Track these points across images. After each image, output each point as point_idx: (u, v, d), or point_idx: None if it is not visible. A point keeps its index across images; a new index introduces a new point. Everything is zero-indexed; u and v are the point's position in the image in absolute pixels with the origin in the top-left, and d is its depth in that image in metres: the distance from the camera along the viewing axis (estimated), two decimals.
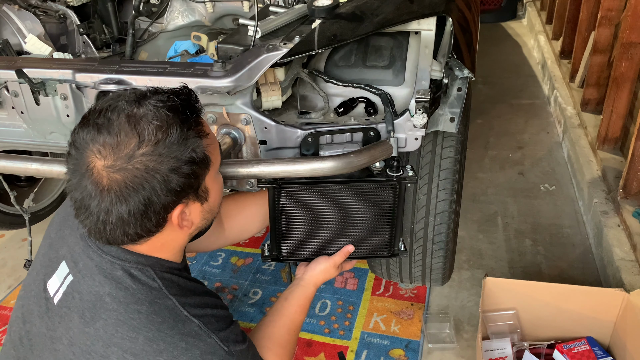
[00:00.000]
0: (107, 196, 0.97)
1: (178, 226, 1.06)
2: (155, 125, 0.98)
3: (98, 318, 1.04)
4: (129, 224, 1.00)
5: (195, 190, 1.05)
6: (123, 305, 1.04)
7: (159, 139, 0.97)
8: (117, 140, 0.96)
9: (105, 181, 0.97)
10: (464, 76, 1.46)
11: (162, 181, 0.98)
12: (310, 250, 1.50)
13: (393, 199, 1.44)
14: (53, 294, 1.11)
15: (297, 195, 1.41)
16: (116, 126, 0.97)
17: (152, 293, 1.06)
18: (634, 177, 2.31)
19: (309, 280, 1.47)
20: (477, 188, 2.89)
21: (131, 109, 0.99)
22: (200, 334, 1.05)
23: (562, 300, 1.81)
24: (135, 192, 0.97)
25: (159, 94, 1.03)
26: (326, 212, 1.44)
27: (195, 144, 1.02)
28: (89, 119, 1.00)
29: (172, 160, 0.98)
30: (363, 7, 1.49)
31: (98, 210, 0.99)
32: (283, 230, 1.46)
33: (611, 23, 2.97)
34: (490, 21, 5.55)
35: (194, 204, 1.07)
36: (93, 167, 0.97)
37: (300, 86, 1.59)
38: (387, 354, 1.93)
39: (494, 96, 3.97)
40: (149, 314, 1.03)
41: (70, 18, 2.07)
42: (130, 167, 0.96)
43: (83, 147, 0.98)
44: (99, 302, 1.05)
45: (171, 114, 1.00)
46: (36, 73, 1.47)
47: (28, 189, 2.38)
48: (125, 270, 1.07)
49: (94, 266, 1.08)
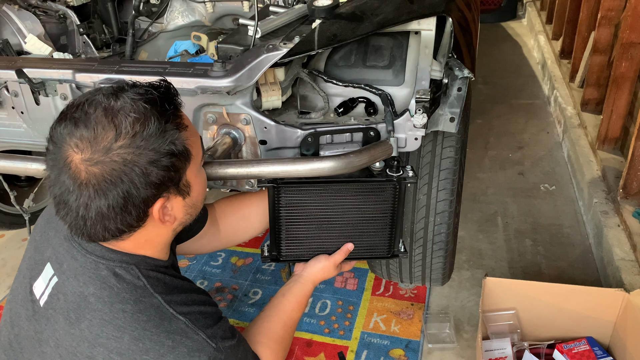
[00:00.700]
0: (85, 190, 0.96)
1: (160, 221, 1.05)
2: (132, 118, 0.97)
3: (83, 319, 1.03)
4: (109, 219, 0.99)
5: (176, 183, 1.04)
6: (108, 304, 1.03)
7: (136, 132, 0.96)
8: (95, 134, 0.95)
9: (84, 175, 0.95)
10: (464, 76, 1.46)
11: (140, 174, 0.97)
12: (310, 250, 1.50)
13: (393, 199, 1.44)
14: (39, 296, 1.10)
15: (297, 195, 1.41)
16: (93, 119, 0.96)
17: (137, 292, 1.05)
18: (634, 177, 2.31)
19: (308, 278, 1.46)
20: (477, 188, 2.89)
21: (108, 102, 0.98)
22: (186, 331, 1.04)
23: (562, 300, 1.81)
24: (114, 185, 0.96)
25: (137, 87, 1.02)
26: (326, 212, 1.44)
27: (174, 137, 1.01)
28: (66, 114, 0.99)
29: (151, 152, 0.97)
30: (363, 7, 1.49)
31: (77, 205, 0.97)
32: (283, 230, 1.46)
33: (611, 23, 2.97)
34: (490, 21, 5.55)
35: (175, 198, 1.05)
36: (71, 162, 0.96)
37: (300, 86, 1.59)
38: (387, 354, 1.93)
39: (494, 96, 3.97)
40: (134, 312, 1.02)
41: (70, 18, 2.07)
42: (107, 160, 0.95)
43: (60, 142, 0.97)
44: (83, 302, 1.04)
45: (149, 107, 0.99)
46: (36, 73, 1.47)
47: (28, 189, 2.38)
48: (110, 269, 1.06)
49: (78, 266, 1.07)
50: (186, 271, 2.36)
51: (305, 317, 2.09)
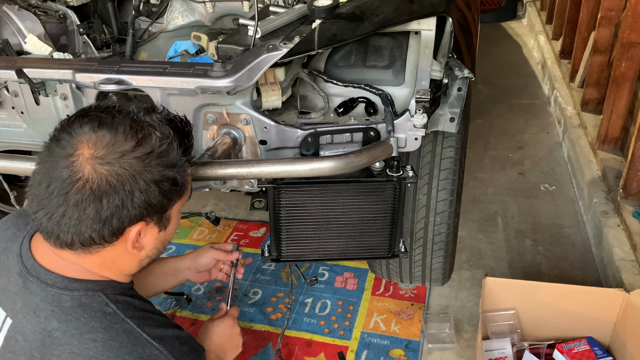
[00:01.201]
0: (81, 187, 0.93)
1: (131, 244, 1.03)
2: (156, 137, 0.99)
3: (50, 355, 0.98)
4: (86, 224, 0.95)
5: (161, 213, 1.04)
6: (76, 337, 0.98)
7: (154, 149, 0.98)
8: (115, 138, 0.96)
9: (87, 171, 0.93)
10: (464, 76, 1.46)
11: (141, 189, 0.96)
12: (310, 251, 1.50)
13: (393, 199, 1.44)
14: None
15: (297, 196, 1.41)
16: (119, 125, 0.97)
17: (106, 319, 1.01)
18: (634, 177, 2.31)
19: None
20: (477, 188, 2.89)
21: (138, 115, 1.00)
22: (160, 357, 1.01)
23: (562, 300, 1.81)
24: (114, 191, 0.94)
25: (165, 114, 1.06)
26: (326, 212, 1.44)
27: (182, 168, 1.04)
28: (89, 112, 0.99)
29: (158, 173, 0.98)
30: (363, 7, 1.49)
31: (63, 201, 0.94)
32: (283, 230, 1.46)
33: (611, 23, 2.97)
34: (490, 21, 5.55)
35: (152, 228, 1.04)
36: (79, 154, 0.94)
37: (300, 86, 1.59)
38: (387, 354, 1.93)
39: (494, 96, 3.97)
40: (105, 340, 0.98)
41: (70, 18, 2.07)
42: (118, 164, 0.95)
43: (77, 134, 0.96)
44: (47, 339, 0.98)
45: (173, 133, 1.03)
46: (36, 73, 1.47)
47: None
48: (74, 299, 1.01)
49: (38, 301, 1.00)
50: None
51: (306, 317, 2.09)
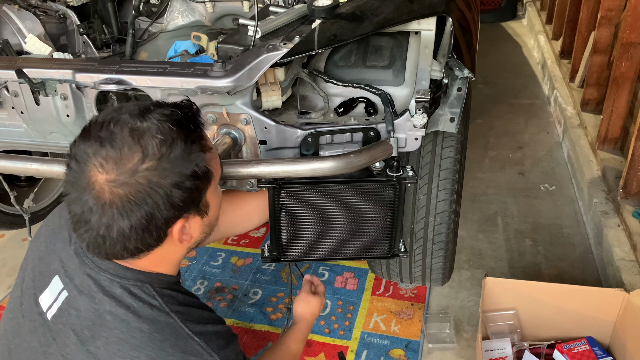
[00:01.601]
0: (108, 211, 0.96)
1: (178, 240, 1.05)
2: (159, 140, 0.97)
3: (98, 336, 1.03)
4: (129, 239, 0.99)
5: (196, 204, 1.04)
6: (124, 323, 1.02)
7: (162, 154, 0.96)
8: (120, 155, 0.95)
9: (107, 196, 0.95)
10: (464, 76, 1.46)
11: (164, 196, 0.97)
12: (310, 250, 1.50)
13: (393, 199, 1.44)
14: (46, 309, 1.09)
15: (297, 195, 1.41)
16: (119, 140, 0.96)
17: (152, 311, 1.05)
18: (634, 177, 2.31)
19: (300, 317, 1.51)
20: (477, 188, 2.89)
21: (134, 123, 0.97)
22: (201, 352, 1.04)
23: (562, 300, 1.81)
24: (138, 207, 0.96)
25: (162, 107, 1.01)
26: (326, 212, 1.44)
27: (199, 159, 1.01)
28: (90, 132, 0.98)
29: (176, 175, 0.98)
30: (363, 7, 1.49)
31: (99, 225, 0.97)
32: (283, 230, 1.46)
33: (611, 23, 2.97)
34: (490, 21, 5.55)
35: (194, 218, 1.06)
36: (95, 182, 0.95)
37: (300, 86, 1.59)
38: (387, 354, 1.93)
39: (494, 96, 3.97)
40: (150, 332, 1.02)
41: (70, 18, 2.07)
42: (133, 181, 0.95)
43: (84, 161, 0.96)
44: (98, 320, 1.03)
45: (175, 128, 0.99)
46: (36, 73, 1.47)
47: (28, 189, 2.38)
48: (124, 287, 1.05)
49: (91, 283, 1.06)
50: (186, 271, 2.36)
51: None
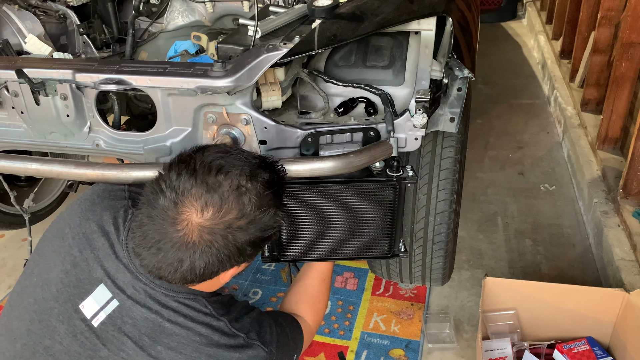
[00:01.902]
0: (190, 250, 1.04)
1: (226, 280, 1.18)
2: (257, 205, 1.06)
3: (159, 342, 1.12)
4: (192, 274, 1.07)
5: (254, 257, 1.16)
6: (184, 329, 1.13)
7: (255, 217, 1.07)
8: (221, 207, 1.04)
9: (195, 238, 1.04)
10: (464, 76, 1.46)
11: (240, 249, 1.08)
12: (310, 250, 1.50)
13: (393, 199, 1.43)
14: (91, 317, 1.13)
15: (297, 195, 1.41)
16: (225, 192, 1.04)
17: (206, 317, 1.16)
18: (634, 177, 2.31)
19: None
20: (477, 188, 2.89)
21: (242, 181, 1.06)
22: (246, 344, 1.18)
23: (562, 300, 1.81)
24: (218, 253, 1.06)
25: (266, 171, 1.11)
26: (326, 212, 1.44)
27: (278, 224, 1.12)
28: (196, 172, 1.05)
29: (255, 236, 1.08)
30: (363, 7, 1.49)
31: (172, 257, 1.05)
32: (283, 230, 1.46)
33: (611, 23, 2.97)
34: (490, 21, 5.55)
35: (245, 264, 1.17)
36: (188, 220, 1.03)
37: (300, 86, 1.58)
38: (387, 354, 1.93)
39: (494, 96, 3.97)
40: (207, 335, 1.14)
41: (70, 18, 2.07)
42: (223, 234, 1.04)
43: (184, 196, 1.04)
44: (158, 327, 1.12)
45: (273, 198, 1.10)
46: (36, 73, 1.47)
47: (28, 189, 2.38)
48: (179, 301, 1.15)
49: (146, 296, 1.14)
50: None
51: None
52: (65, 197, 2.62)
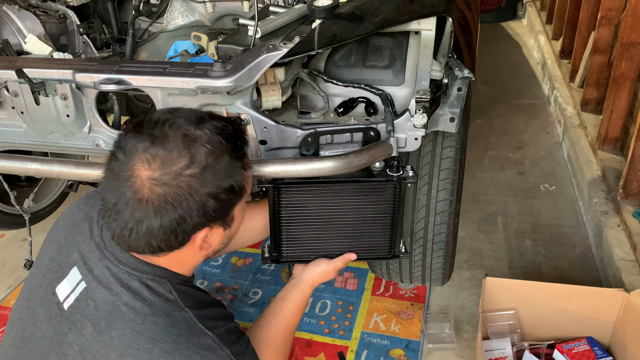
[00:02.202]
0: (144, 207, 0.99)
1: (198, 248, 1.10)
2: (208, 150, 1.01)
3: (114, 327, 1.05)
4: (155, 237, 1.02)
5: (224, 216, 1.09)
6: (140, 316, 1.05)
7: (208, 164, 1.01)
8: (169, 157, 0.99)
9: (147, 192, 0.99)
10: (464, 76, 1.46)
11: (199, 203, 1.01)
12: (310, 251, 1.50)
13: (393, 199, 1.44)
14: (63, 299, 1.11)
15: (297, 196, 1.41)
16: (171, 142, 1.00)
17: (168, 305, 1.08)
18: (634, 177, 2.31)
19: (307, 282, 1.47)
20: (477, 188, 2.89)
21: (189, 129, 1.02)
22: (214, 347, 1.08)
23: (562, 300, 1.81)
24: (173, 208, 1.00)
25: (216, 120, 1.06)
26: (326, 212, 1.44)
27: (238, 175, 1.06)
28: (143, 128, 1.02)
29: (214, 186, 1.02)
30: (363, 7, 1.49)
31: (130, 218, 1.01)
32: (283, 231, 1.46)
33: (611, 23, 2.97)
34: (490, 21, 5.55)
35: (218, 229, 1.10)
36: (137, 176, 0.99)
37: (300, 86, 1.59)
38: (387, 354, 1.93)
39: (494, 96, 3.97)
40: (165, 326, 1.05)
41: (70, 18, 2.07)
42: (174, 184, 0.99)
43: (132, 154, 1.00)
44: (115, 311, 1.06)
45: (225, 142, 1.04)
46: (36, 73, 1.47)
47: (28, 189, 2.38)
48: (142, 281, 1.09)
49: (110, 276, 1.09)
50: None
51: (305, 317, 2.09)
52: (65, 197, 2.62)
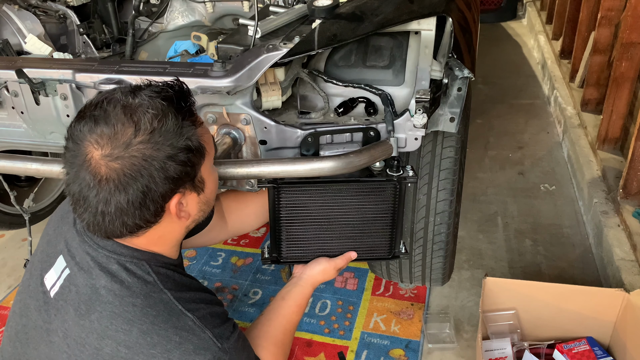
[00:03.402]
0: (105, 185, 0.99)
1: (176, 216, 1.08)
2: (151, 114, 1.00)
3: (93, 310, 1.05)
4: (127, 214, 1.01)
5: (192, 179, 1.07)
6: (118, 298, 1.05)
7: (154, 127, 1.00)
8: (114, 130, 0.98)
9: (104, 170, 0.98)
10: (464, 76, 1.46)
11: (159, 168, 1.00)
12: (310, 252, 1.50)
13: (393, 199, 1.43)
14: (50, 287, 1.12)
15: (297, 196, 1.41)
16: (112, 117, 0.99)
17: (147, 287, 1.07)
18: (634, 177, 2.31)
19: (307, 280, 1.47)
20: (477, 188, 2.89)
21: (127, 100, 1.01)
22: (194, 328, 1.06)
23: (562, 300, 1.81)
24: (134, 180, 0.98)
25: (153, 86, 1.05)
26: (326, 212, 1.44)
27: (190, 132, 1.04)
28: (85, 112, 1.02)
29: (169, 147, 1.00)
30: (363, 7, 1.49)
31: (97, 201, 1.00)
32: (283, 231, 1.46)
33: (611, 23, 2.97)
34: (490, 21, 5.55)
35: (190, 194, 1.09)
36: (91, 158, 0.98)
37: (300, 86, 1.59)
38: (387, 354, 1.93)
39: (494, 96, 3.97)
40: (143, 307, 1.04)
41: (70, 18, 2.07)
42: (127, 155, 0.98)
43: (80, 139, 1.00)
44: (94, 294, 1.06)
45: (166, 103, 1.02)
46: (36, 73, 1.47)
47: (28, 189, 2.38)
48: (121, 264, 1.08)
49: (89, 260, 1.09)
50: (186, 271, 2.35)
51: (306, 317, 2.09)
52: (65, 197, 2.62)
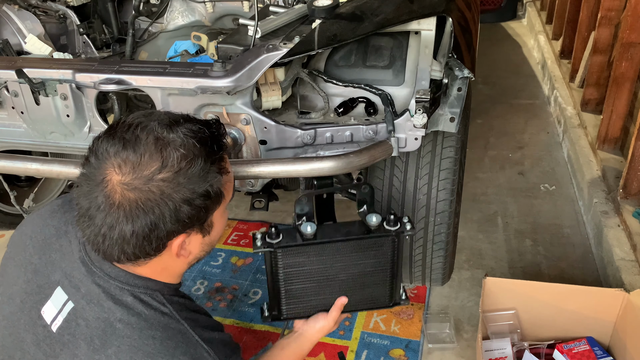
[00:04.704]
0: (115, 212, 0.97)
1: (176, 255, 1.07)
2: (181, 154, 0.98)
3: (110, 345, 1.03)
4: (128, 243, 0.99)
5: (201, 223, 1.06)
6: (137, 331, 1.03)
7: (181, 168, 0.97)
8: (140, 160, 0.96)
9: (118, 197, 0.96)
10: (464, 76, 1.46)
11: (172, 209, 0.98)
12: (311, 307, 1.44)
13: (392, 253, 1.39)
14: (50, 321, 1.08)
15: (294, 258, 1.36)
16: (143, 145, 0.97)
17: (164, 318, 1.06)
18: (634, 177, 2.31)
19: (307, 338, 1.43)
20: (477, 188, 2.89)
21: (161, 132, 0.99)
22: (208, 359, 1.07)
23: (562, 300, 1.81)
24: (145, 214, 0.97)
25: (191, 123, 1.03)
26: (325, 270, 1.39)
27: (215, 179, 1.02)
28: (116, 132, 1.00)
29: (188, 191, 0.99)
30: (363, 7, 1.49)
31: (102, 223, 0.98)
32: (282, 291, 1.40)
33: (611, 23, 2.97)
34: (490, 21, 5.55)
35: (196, 235, 1.08)
36: (109, 180, 0.97)
37: (300, 86, 1.59)
38: (387, 354, 1.93)
39: (494, 96, 3.97)
40: (163, 339, 1.03)
41: (70, 18, 2.07)
42: (146, 188, 0.96)
43: (104, 158, 0.98)
44: (109, 328, 1.04)
45: (199, 146, 1.00)
46: (36, 73, 1.47)
47: (28, 189, 2.38)
48: (135, 295, 1.07)
49: (100, 292, 1.06)
50: (186, 271, 2.35)
51: None
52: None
